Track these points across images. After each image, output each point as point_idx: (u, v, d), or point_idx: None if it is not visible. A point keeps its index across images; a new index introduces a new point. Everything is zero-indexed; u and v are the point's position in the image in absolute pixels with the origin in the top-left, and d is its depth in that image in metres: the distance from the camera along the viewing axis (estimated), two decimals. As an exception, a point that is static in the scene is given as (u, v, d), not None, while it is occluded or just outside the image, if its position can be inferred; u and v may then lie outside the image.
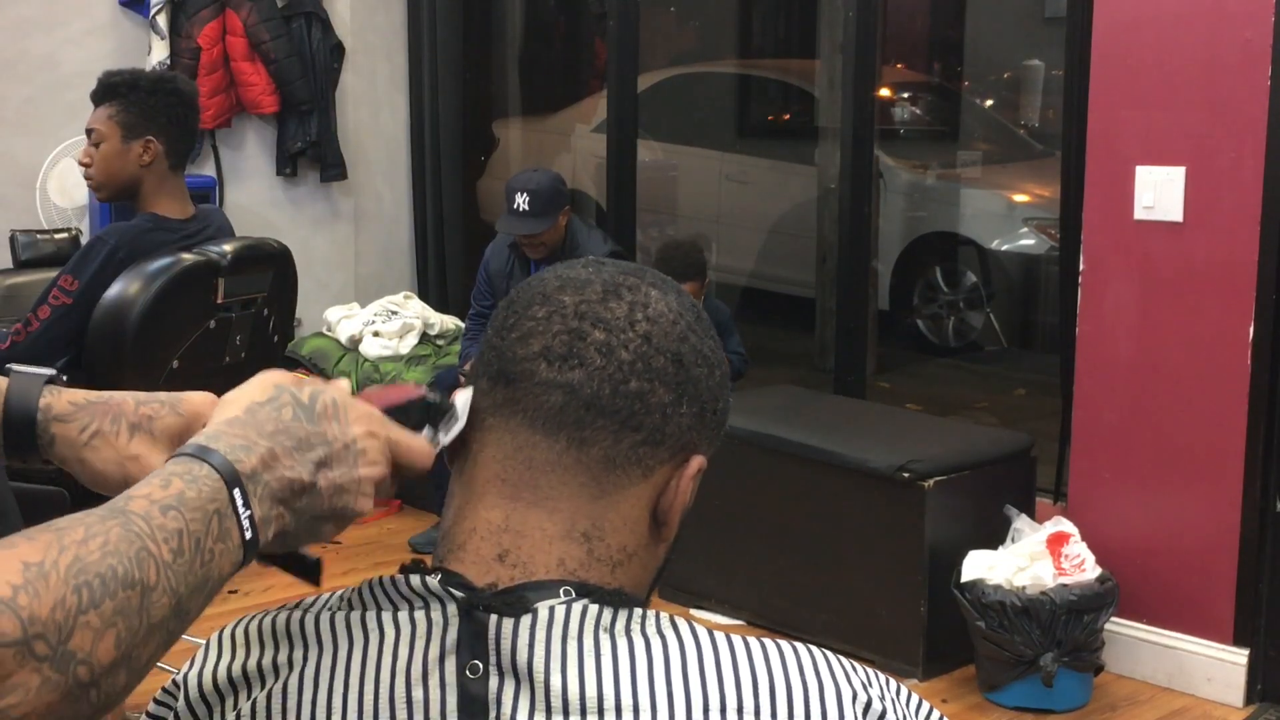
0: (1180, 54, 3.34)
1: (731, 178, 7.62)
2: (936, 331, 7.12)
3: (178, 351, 2.84)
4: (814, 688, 0.89)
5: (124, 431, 0.97)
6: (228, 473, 0.83)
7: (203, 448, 0.84)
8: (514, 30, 6.84)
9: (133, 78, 3.18)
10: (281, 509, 0.87)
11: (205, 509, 0.81)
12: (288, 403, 0.89)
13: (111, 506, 0.79)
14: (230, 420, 0.88)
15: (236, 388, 0.92)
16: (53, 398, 0.98)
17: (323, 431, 0.89)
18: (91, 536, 0.75)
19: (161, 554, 0.77)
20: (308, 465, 0.88)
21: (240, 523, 0.83)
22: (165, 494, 0.80)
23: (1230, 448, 3.34)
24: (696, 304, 1.00)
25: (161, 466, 0.86)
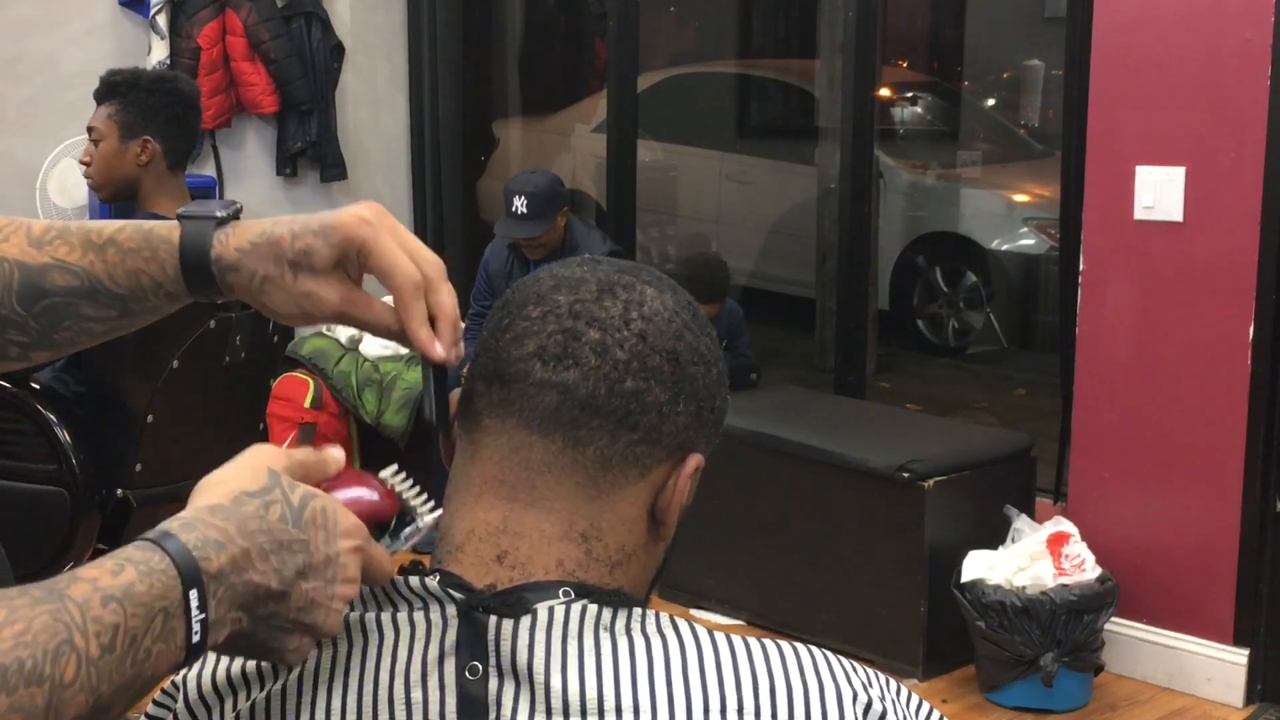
0: (1180, 54, 3.34)
1: (731, 178, 7.62)
2: (936, 331, 7.12)
3: (178, 351, 2.84)
4: (814, 688, 0.88)
5: (287, 272, 0.96)
6: (188, 571, 0.79)
7: (168, 534, 0.81)
8: (514, 30, 6.84)
9: (133, 77, 3.18)
10: (241, 614, 0.83)
11: (151, 606, 0.77)
12: (277, 500, 0.85)
13: (53, 585, 0.76)
14: (213, 508, 0.83)
15: (231, 463, 0.88)
16: (222, 246, 0.97)
17: (307, 540, 0.85)
18: (10, 622, 0.72)
19: (88, 649, 0.74)
20: (283, 573, 0.83)
21: (190, 624, 0.79)
22: (113, 582, 0.76)
23: (1230, 448, 3.34)
24: (693, 301, 1.00)
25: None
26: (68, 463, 2.77)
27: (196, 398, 2.91)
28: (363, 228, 0.95)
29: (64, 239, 1.00)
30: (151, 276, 0.99)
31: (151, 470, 2.86)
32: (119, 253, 0.99)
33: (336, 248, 0.95)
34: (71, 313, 1.00)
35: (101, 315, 1.01)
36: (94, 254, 0.99)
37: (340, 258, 0.95)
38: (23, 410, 2.82)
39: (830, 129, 6.09)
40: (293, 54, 5.26)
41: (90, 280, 0.99)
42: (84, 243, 0.99)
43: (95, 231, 1.00)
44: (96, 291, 0.99)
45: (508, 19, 6.67)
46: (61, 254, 0.99)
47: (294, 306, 0.96)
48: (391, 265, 0.94)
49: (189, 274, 0.98)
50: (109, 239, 0.99)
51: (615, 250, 4.45)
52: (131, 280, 0.99)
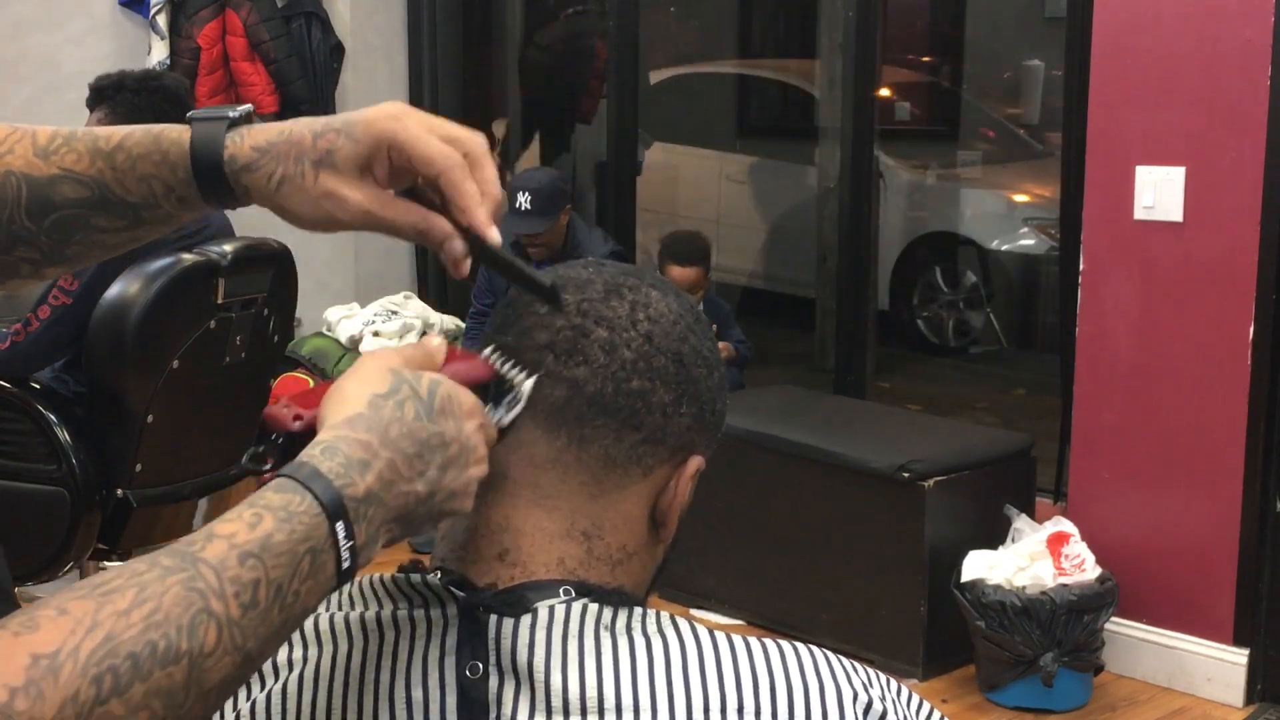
0: (1180, 54, 3.34)
1: (732, 178, 7.62)
2: (936, 331, 7.12)
3: (178, 351, 2.84)
4: (814, 688, 0.89)
5: (308, 171, 0.90)
6: (333, 505, 0.78)
7: (310, 468, 0.79)
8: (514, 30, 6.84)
9: (119, 79, 3.17)
10: (394, 524, 0.82)
11: (295, 551, 0.76)
12: (408, 396, 0.84)
13: (186, 550, 0.74)
14: (352, 420, 0.82)
15: (349, 373, 0.86)
16: (236, 147, 0.92)
17: (441, 431, 0.84)
18: (140, 603, 0.70)
19: (229, 611, 0.73)
20: (427, 474, 0.83)
21: (339, 554, 0.78)
22: (250, 537, 0.75)
23: (1230, 448, 3.34)
24: (695, 305, 1.01)
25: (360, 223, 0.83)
26: (68, 463, 2.77)
27: (196, 398, 2.91)
28: (391, 122, 0.90)
29: (71, 147, 0.95)
30: (163, 180, 0.94)
31: (151, 470, 2.86)
32: (128, 158, 0.94)
33: (364, 144, 0.90)
34: (82, 224, 0.96)
35: (113, 225, 0.96)
36: (103, 161, 0.94)
37: (369, 155, 0.90)
38: (23, 410, 2.82)
39: (830, 129, 6.09)
40: (293, 54, 5.26)
41: (100, 189, 0.95)
42: (92, 150, 0.95)
43: (104, 138, 0.95)
44: (107, 201, 0.95)
45: (508, 19, 6.66)
46: (69, 163, 0.95)
47: (314, 208, 0.91)
48: (430, 153, 0.90)
49: (201, 176, 0.93)
50: (117, 144, 0.95)
51: (616, 250, 4.45)
52: (143, 186, 0.94)
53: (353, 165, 0.90)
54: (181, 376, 2.84)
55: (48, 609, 0.69)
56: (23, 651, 0.67)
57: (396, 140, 0.90)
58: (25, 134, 0.97)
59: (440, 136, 0.90)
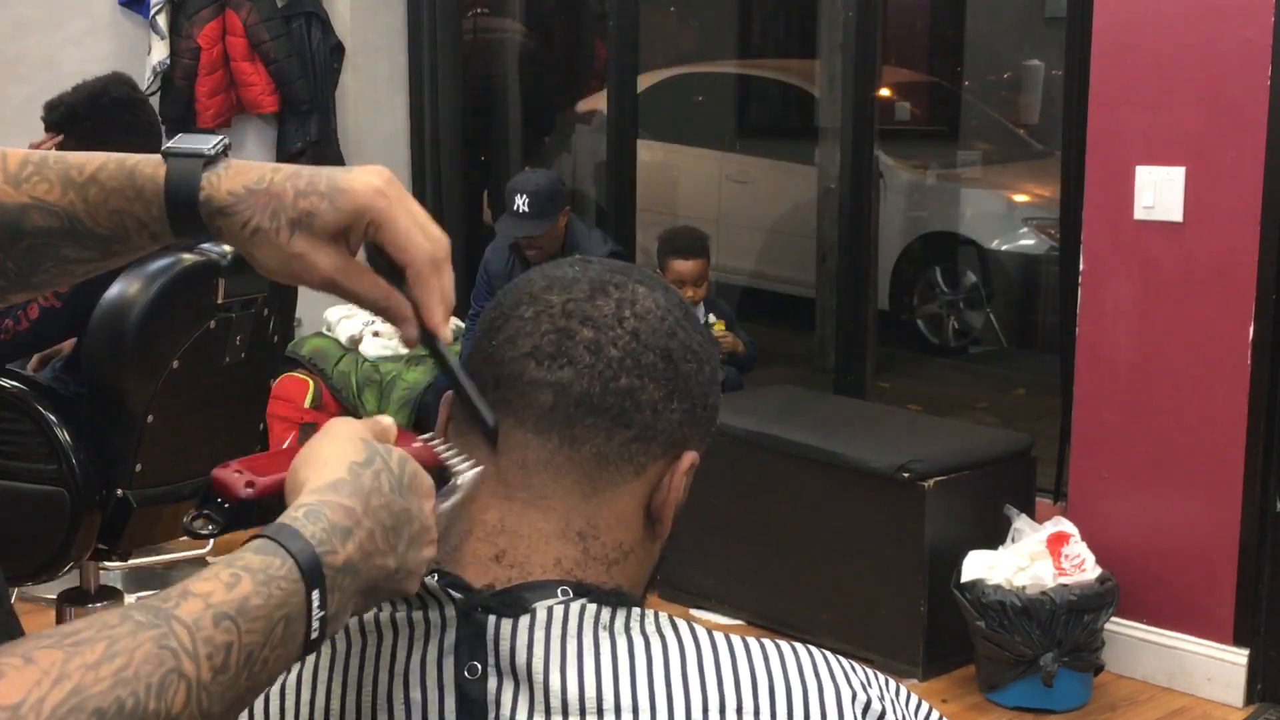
0: (1180, 54, 3.34)
1: (731, 178, 7.62)
2: (936, 331, 7.12)
3: (178, 351, 2.84)
4: (814, 688, 0.89)
5: (284, 229, 0.89)
6: (311, 571, 0.76)
7: (291, 532, 0.77)
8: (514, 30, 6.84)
9: (70, 109, 3.14)
10: (360, 597, 0.80)
11: (270, 617, 0.74)
12: (382, 468, 0.82)
13: (159, 607, 0.72)
14: (335, 484, 0.80)
15: (321, 437, 0.85)
16: (213, 188, 0.90)
17: (409, 508, 0.83)
18: (110, 658, 0.68)
19: (199, 674, 0.70)
20: (398, 548, 0.81)
21: (310, 624, 0.76)
22: (226, 598, 0.73)
23: (1230, 448, 3.34)
24: (684, 300, 1.00)
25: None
26: (68, 463, 2.77)
27: (196, 398, 2.91)
28: (378, 199, 0.89)
29: (42, 175, 0.93)
30: (135, 217, 0.92)
31: (151, 470, 2.86)
32: (101, 191, 0.92)
33: (346, 214, 0.89)
34: (51, 255, 0.94)
35: (82, 256, 0.94)
36: (74, 192, 0.92)
37: (348, 225, 0.90)
38: (23, 410, 2.82)
39: (830, 129, 6.09)
40: (293, 54, 5.26)
41: (71, 221, 0.93)
42: (64, 180, 0.93)
43: (76, 168, 0.93)
44: (77, 232, 0.93)
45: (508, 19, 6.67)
46: (40, 192, 0.93)
47: (281, 265, 0.90)
48: (407, 241, 0.90)
49: (175, 215, 0.91)
50: (90, 176, 0.92)
51: (615, 251, 4.45)
52: (114, 220, 0.92)
53: (329, 232, 0.89)
54: (181, 376, 2.84)
55: (13, 657, 0.67)
56: None
57: (379, 220, 0.90)
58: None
59: (420, 230, 0.91)
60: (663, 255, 4.41)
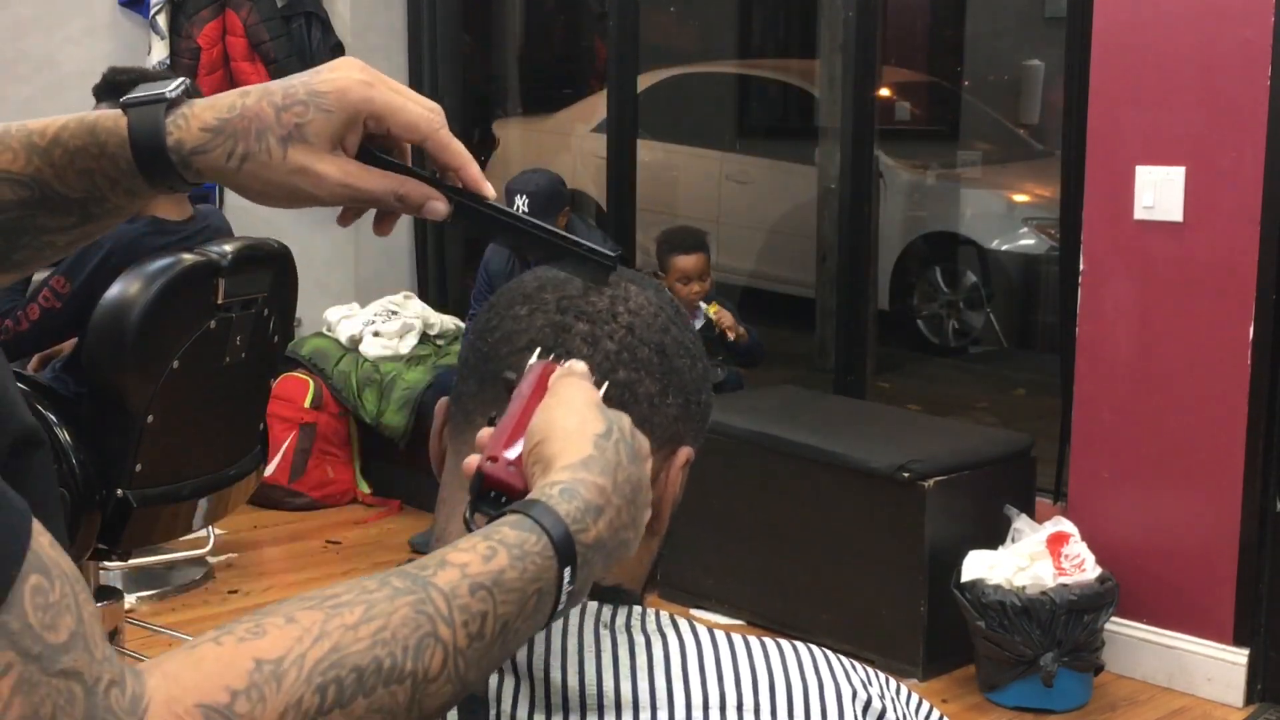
0: (1180, 54, 3.34)
1: (731, 178, 7.62)
2: (936, 331, 7.12)
3: (178, 351, 2.84)
4: (814, 686, 0.89)
5: (275, 147, 0.85)
6: (564, 549, 0.76)
7: (546, 508, 0.77)
8: (514, 30, 6.84)
9: (141, 78, 3.17)
10: (605, 570, 0.81)
11: (524, 590, 0.75)
12: (619, 438, 0.82)
13: (419, 573, 0.73)
14: (586, 461, 0.80)
15: (557, 403, 0.84)
16: (181, 131, 0.86)
17: (642, 477, 0.83)
18: (368, 620, 0.69)
19: (456, 639, 0.72)
20: (638, 522, 0.82)
21: (559, 598, 0.77)
22: (483, 569, 0.73)
23: (1230, 448, 3.34)
24: (674, 299, 1.01)
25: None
26: (68, 463, 2.77)
27: (196, 398, 2.91)
28: (369, 90, 0.87)
29: (5, 145, 0.89)
30: (104, 173, 0.88)
31: (151, 470, 2.86)
32: (65, 153, 0.88)
33: (339, 115, 0.86)
34: (27, 227, 0.90)
35: (60, 224, 0.90)
36: (39, 158, 0.89)
37: (344, 127, 0.87)
38: (23, 410, 2.82)
39: (830, 129, 6.09)
40: (293, 54, 5.26)
41: (41, 188, 0.89)
42: (27, 147, 0.89)
43: (38, 133, 0.89)
44: (50, 199, 0.89)
45: (508, 19, 6.67)
46: (5, 162, 0.89)
47: (282, 185, 0.87)
48: (414, 119, 0.89)
49: (144, 165, 0.87)
50: (53, 138, 0.88)
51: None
52: (85, 181, 0.88)
53: (325, 138, 0.86)
54: (181, 376, 2.84)
55: (276, 616, 0.69)
56: (247, 656, 0.66)
57: (375, 109, 0.87)
58: None
59: (417, 104, 0.90)
60: (664, 253, 4.41)
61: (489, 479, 0.83)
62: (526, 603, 0.75)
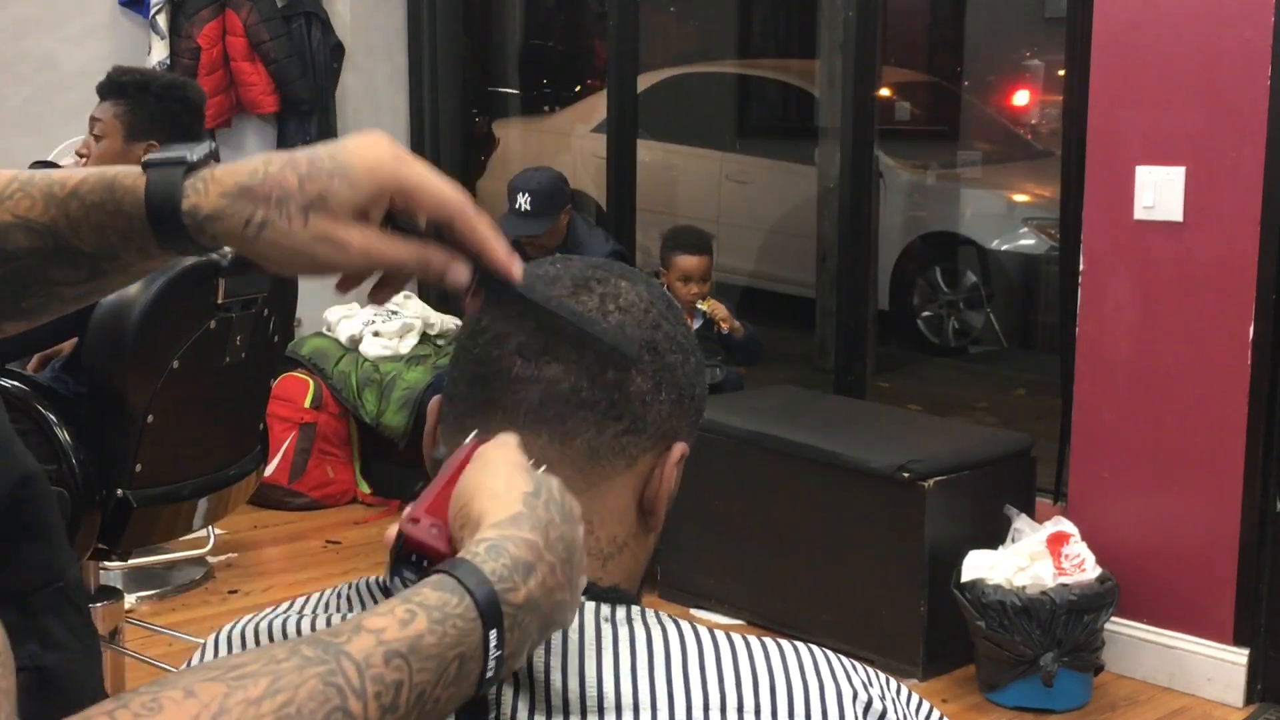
0: (1180, 54, 3.34)
1: (731, 178, 7.62)
2: (936, 331, 7.12)
3: (178, 351, 2.84)
4: (814, 687, 0.89)
5: (296, 216, 0.85)
6: (489, 610, 0.73)
7: (471, 568, 0.74)
8: (514, 30, 6.84)
9: (144, 80, 3.17)
10: (540, 636, 0.77)
11: (444, 656, 0.71)
12: (550, 498, 0.80)
13: (329, 641, 0.69)
14: (515, 519, 0.77)
15: (481, 467, 0.82)
16: (199, 196, 0.86)
17: (576, 537, 0.80)
18: (272, 693, 0.66)
19: (367, 712, 0.68)
20: (573, 582, 0.79)
21: (486, 664, 0.73)
22: (399, 635, 0.70)
23: (1230, 448, 3.34)
24: (666, 293, 1.01)
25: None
26: (68, 463, 2.76)
27: (196, 398, 2.91)
28: (397, 165, 0.87)
29: (26, 192, 0.90)
30: (118, 231, 0.88)
31: (151, 470, 2.86)
32: (82, 206, 0.88)
33: (365, 190, 0.86)
34: (39, 277, 0.90)
35: (70, 278, 0.90)
36: (56, 208, 0.89)
37: (369, 201, 0.86)
38: (23, 410, 2.82)
39: (830, 129, 6.09)
40: (293, 54, 5.26)
41: (54, 238, 0.89)
42: (46, 196, 0.89)
43: (58, 184, 0.90)
44: (62, 250, 0.89)
45: (508, 19, 6.67)
46: (23, 209, 0.89)
47: (303, 253, 0.86)
48: (443, 197, 0.87)
49: (158, 226, 0.87)
50: (72, 191, 0.89)
51: (617, 249, 4.45)
52: (98, 236, 0.88)
53: (350, 209, 0.86)
54: (181, 376, 2.84)
55: (175, 690, 0.66)
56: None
57: (405, 187, 0.87)
58: None
59: (444, 182, 0.89)
60: (667, 251, 4.40)
61: (410, 541, 0.80)
62: (447, 669, 0.72)
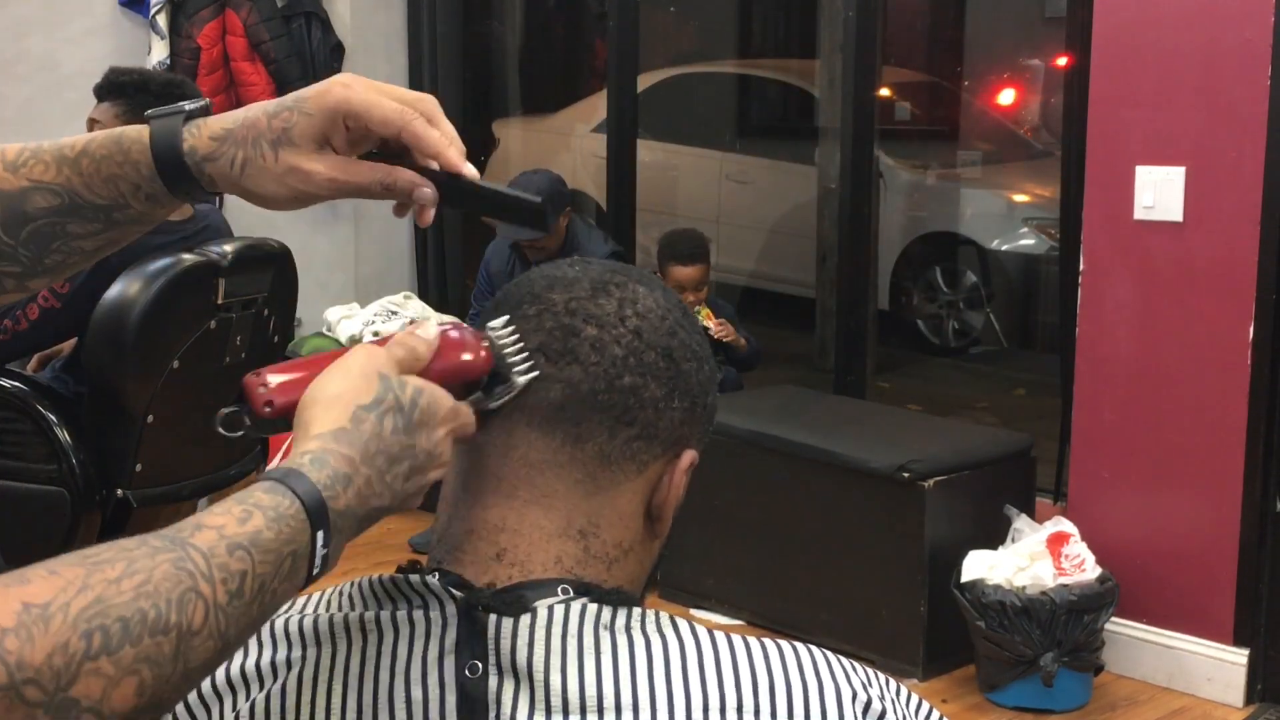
0: (1180, 54, 3.34)
1: (731, 178, 7.62)
2: (936, 331, 7.12)
3: (178, 351, 2.84)
4: (814, 687, 0.89)
5: (267, 151, 0.94)
6: (316, 513, 0.80)
7: (299, 475, 0.81)
8: (514, 30, 6.84)
9: (142, 79, 3.18)
10: (356, 534, 0.85)
11: (280, 551, 0.78)
12: (390, 408, 0.86)
13: (176, 535, 0.76)
14: (337, 434, 0.84)
15: (340, 368, 0.88)
16: (195, 139, 0.95)
17: (414, 445, 0.87)
18: (130, 574, 0.72)
19: (216, 595, 0.74)
20: (395, 487, 0.86)
21: (313, 560, 0.81)
22: (240, 531, 0.77)
23: (1230, 448, 3.34)
24: (682, 301, 1.01)
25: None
26: (68, 463, 2.77)
27: (196, 398, 2.91)
28: (343, 90, 0.94)
29: (38, 158, 0.98)
30: (128, 179, 0.97)
31: (151, 470, 2.86)
32: (92, 161, 0.97)
33: (318, 117, 0.93)
34: (58, 233, 0.98)
35: (87, 230, 0.99)
36: (69, 168, 0.98)
37: (325, 127, 0.93)
38: (23, 410, 2.82)
39: (830, 129, 6.09)
40: (293, 54, 5.26)
41: (70, 196, 0.98)
42: (58, 159, 0.98)
43: (68, 146, 0.98)
44: (78, 206, 0.98)
45: (508, 19, 6.67)
46: (38, 174, 0.98)
47: (279, 185, 0.94)
48: (385, 113, 0.94)
49: (164, 169, 0.96)
50: (82, 150, 0.98)
51: (616, 251, 4.45)
52: (109, 187, 0.97)
53: (310, 139, 0.93)
54: (181, 376, 2.84)
55: (39, 569, 0.71)
56: (14, 599, 0.68)
57: (350, 107, 0.93)
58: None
59: (392, 98, 0.95)
60: (663, 260, 4.38)
61: (246, 393, 0.89)
62: (283, 564, 0.78)
